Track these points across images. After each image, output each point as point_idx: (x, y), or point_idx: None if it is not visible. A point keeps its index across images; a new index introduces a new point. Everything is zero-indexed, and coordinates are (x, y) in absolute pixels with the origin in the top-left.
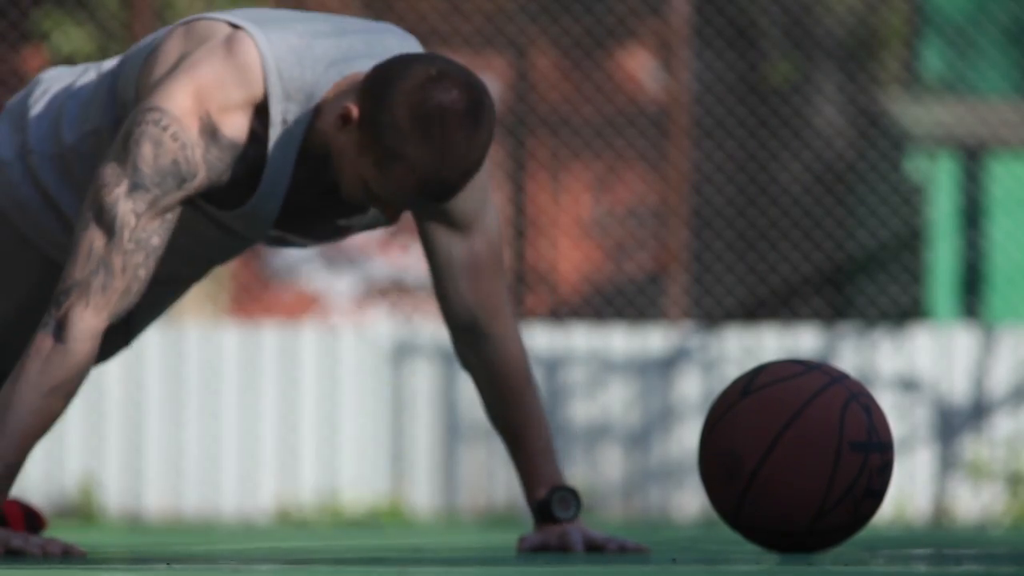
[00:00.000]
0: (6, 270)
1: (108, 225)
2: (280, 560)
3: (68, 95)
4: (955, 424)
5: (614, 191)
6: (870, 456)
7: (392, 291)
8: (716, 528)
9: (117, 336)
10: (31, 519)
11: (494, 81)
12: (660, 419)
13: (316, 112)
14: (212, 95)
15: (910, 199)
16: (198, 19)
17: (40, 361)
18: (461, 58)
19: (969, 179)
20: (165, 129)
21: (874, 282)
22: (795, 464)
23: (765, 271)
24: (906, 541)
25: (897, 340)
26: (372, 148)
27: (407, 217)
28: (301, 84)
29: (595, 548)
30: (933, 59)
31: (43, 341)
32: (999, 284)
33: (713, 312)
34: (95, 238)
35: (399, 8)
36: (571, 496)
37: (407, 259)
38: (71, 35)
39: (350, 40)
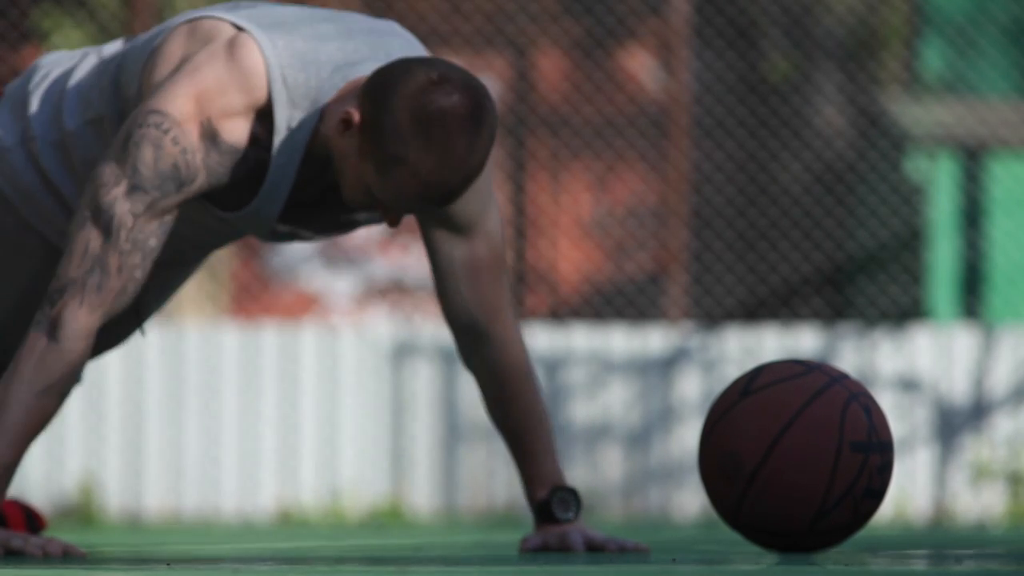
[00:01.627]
0: (8, 256)
1: (105, 225)
2: (280, 560)
3: (68, 81)
4: (955, 424)
5: (614, 191)
6: (870, 456)
7: (392, 291)
8: (716, 528)
9: (128, 321)
10: (31, 519)
11: (494, 81)
12: (660, 419)
13: (320, 116)
14: (214, 100)
15: (910, 199)
16: (203, 17)
17: (34, 360)
18: (461, 58)
19: (969, 179)
20: (166, 132)
21: (874, 282)
22: (795, 464)
23: (765, 271)
24: (906, 541)
25: (897, 340)
26: (374, 152)
27: (408, 217)
28: (306, 90)
29: (595, 548)
30: (933, 59)
31: (37, 340)
32: (999, 284)
33: (713, 312)
34: (91, 237)
35: (399, 8)
36: (571, 497)
37: (407, 259)
38: (71, 35)
39: (355, 43)
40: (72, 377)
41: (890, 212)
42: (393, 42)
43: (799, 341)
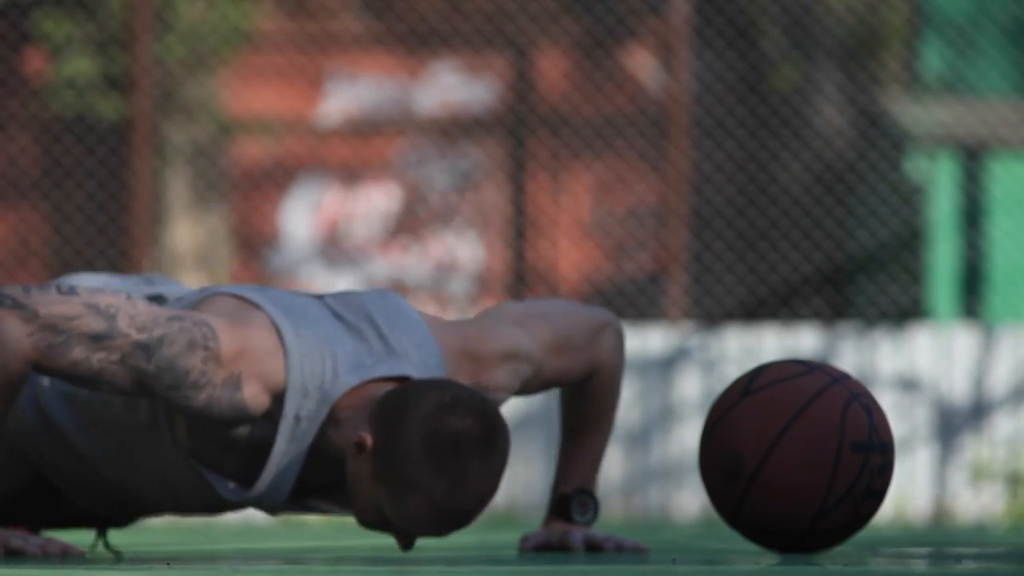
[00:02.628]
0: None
1: (102, 327)
2: (280, 560)
3: None
4: (955, 424)
5: (614, 191)
6: (871, 456)
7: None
8: (716, 528)
9: (114, 515)
10: None
11: (494, 81)
12: (660, 419)
13: (329, 414)
14: (250, 360)
15: (910, 199)
16: (225, 293)
17: None
18: (461, 58)
19: (969, 179)
20: (206, 348)
21: (874, 282)
22: (796, 464)
23: (765, 271)
24: (906, 541)
25: (897, 340)
26: (386, 478)
27: (410, 219)
28: (321, 382)
29: (594, 547)
30: (933, 59)
31: None
32: (999, 284)
33: (713, 312)
34: (85, 316)
35: (399, 8)
36: (591, 502)
37: (407, 259)
38: (71, 35)
39: (369, 343)
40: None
41: (890, 212)
42: (399, 329)
43: (799, 341)
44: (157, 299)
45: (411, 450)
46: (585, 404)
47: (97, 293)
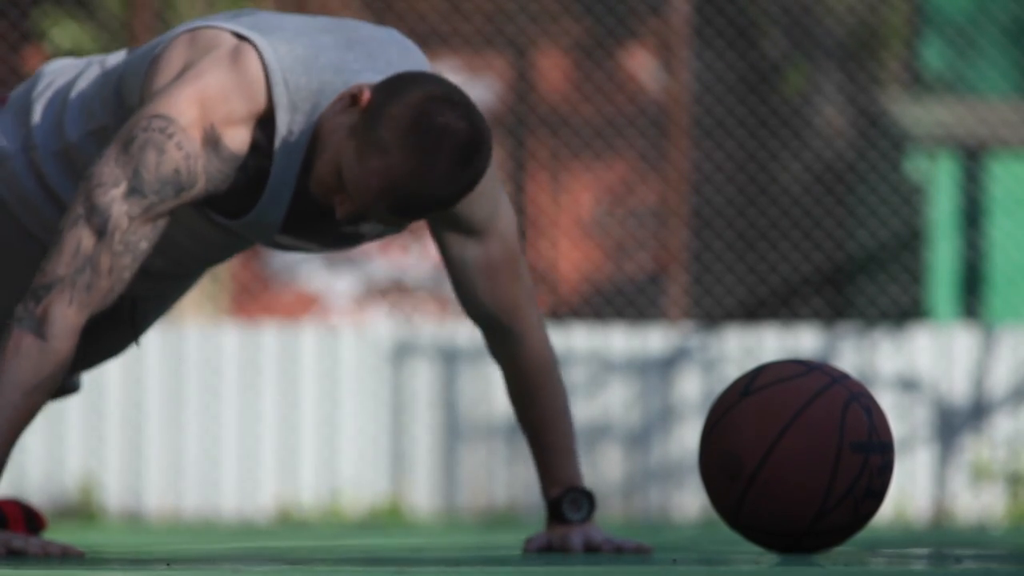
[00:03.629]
0: (8, 261)
1: (100, 225)
2: (280, 560)
3: (71, 91)
4: (955, 424)
5: (614, 191)
6: (871, 456)
7: (392, 291)
8: (716, 528)
9: (124, 332)
10: (31, 519)
11: (494, 81)
12: (660, 419)
13: (318, 123)
14: (217, 107)
15: (910, 199)
16: (203, 27)
17: (20, 359)
18: (461, 58)
19: (969, 179)
20: (170, 137)
21: (874, 282)
22: (795, 464)
23: (765, 271)
24: (906, 541)
25: (897, 340)
26: (363, 133)
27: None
28: (307, 93)
29: (593, 548)
30: (933, 59)
31: (23, 338)
32: (999, 284)
33: (713, 312)
34: (84, 236)
35: (399, 8)
36: (584, 498)
37: (407, 259)
38: (71, 35)
39: (355, 53)
40: (59, 375)
41: (890, 212)
42: (392, 51)
43: (799, 341)
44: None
45: (398, 116)
46: (537, 403)
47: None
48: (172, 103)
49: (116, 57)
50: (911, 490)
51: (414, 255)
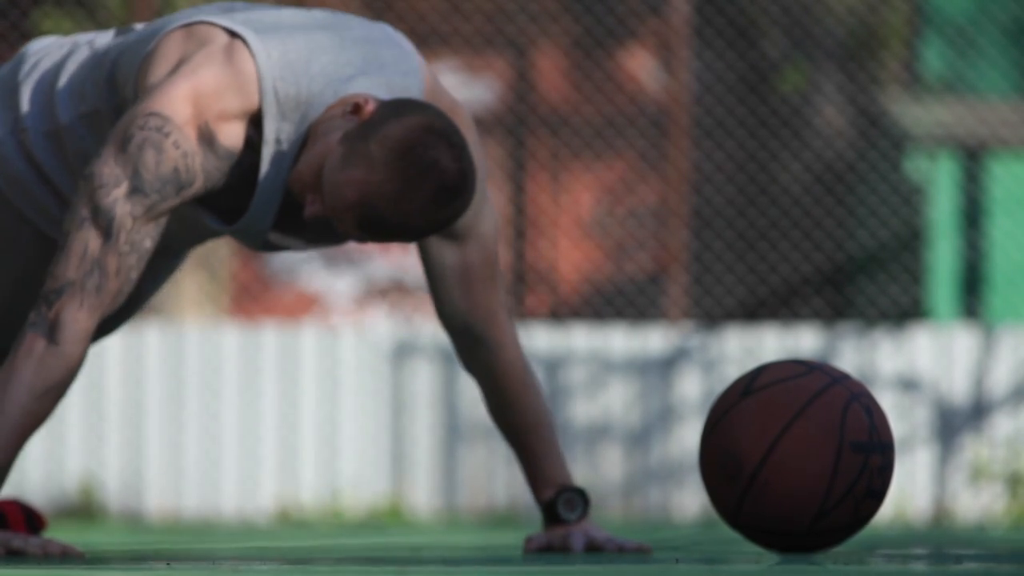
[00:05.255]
0: (3, 246)
1: (105, 226)
2: (280, 560)
3: (60, 72)
4: (955, 424)
5: (614, 191)
6: (871, 457)
7: (392, 291)
8: (716, 528)
9: (120, 310)
10: (31, 519)
11: (494, 81)
12: (660, 419)
13: (308, 132)
14: (211, 103)
15: (910, 199)
16: (199, 22)
17: (33, 362)
18: (461, 58)
19: (969, 179)
20: (167, 136)
21: (874, 282)
22: (796, 464)
23: (765, 271)
24: (906, 541)
25: (897, 340)
26: (354, 142)
27: None
28: (296, 103)
29: (595, 548)
30: (933, 59)
31: (34, 342)
32: (999, 284)
33: (713, 312)
34: (90, 238)
35: (399, 8)
36: (577, 497)
37: (407, 259)
38: (70, 31)
39: (349, 55)
40: (71, 379)
41: (890, 212)
42: (386, 53)
43: (799, 341)
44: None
45: (393, 137)
46: (514, 413)
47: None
48: (167, 100)
49: (105, 38)
50: (911, 490)
51: (414, 255)
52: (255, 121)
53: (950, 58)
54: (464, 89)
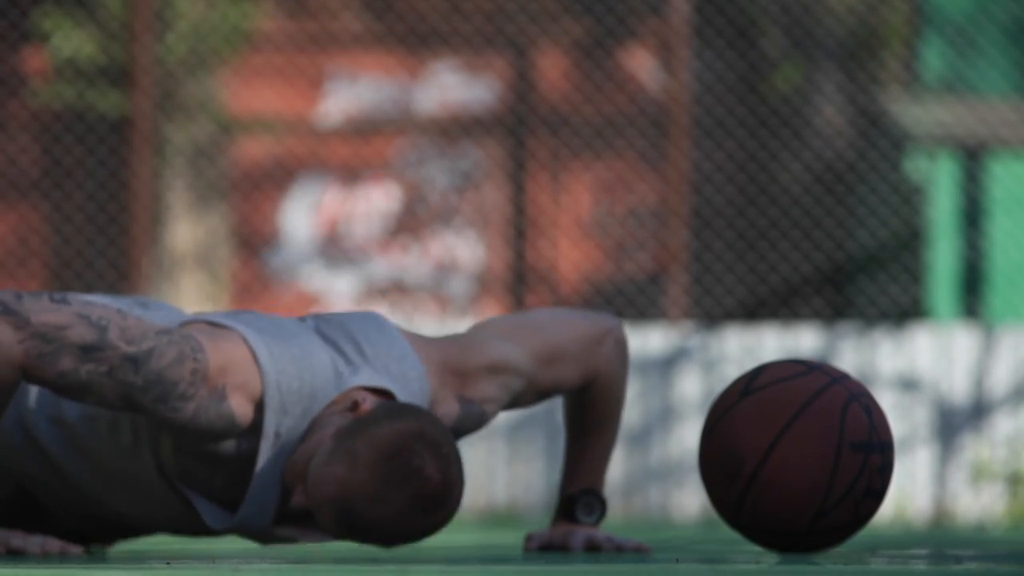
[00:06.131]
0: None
1: (95, 339)
2: (280, 560)
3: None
4: (955, 424)
5: (614, 191)
6: (870, 456)
7: (392, 291)
8: (716, 528)
9: (98, 534)
10: None
11: (494, 81)
12: (660, 419)
13: (310, 426)
14: (234, 372)
15: (910, 199)
16: (199, 321)
17: None
18: (461, 58)
19: (969, 179)
20: (195, 360)
21: (874, 282)
22: (795, 464)
23: (765, 271)
24: (906, 541)
25: (897, 340)
26: (342, 438)
27: (410, 219)
28: (299, 397)
29: (594, 548)
30: (933, 59)
31: None
32: (999, 284)
33: (713, 312)
34: (85, 333)
35: (399, 8)
36: (597, 503)
37: (407, 259)
38: (71, 35)
39: (346, 354)
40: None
41: (890, 212)
42: (372, 332)
43: (799, 341)
44: None
45: (379, 438)
46: (585, 410)
47: (89, 304)
48: (207, 344)
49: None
50: (911, 490)
51: (414, 255)
52: (259, 411)
53: (950, 58)
54: (464, 89)
